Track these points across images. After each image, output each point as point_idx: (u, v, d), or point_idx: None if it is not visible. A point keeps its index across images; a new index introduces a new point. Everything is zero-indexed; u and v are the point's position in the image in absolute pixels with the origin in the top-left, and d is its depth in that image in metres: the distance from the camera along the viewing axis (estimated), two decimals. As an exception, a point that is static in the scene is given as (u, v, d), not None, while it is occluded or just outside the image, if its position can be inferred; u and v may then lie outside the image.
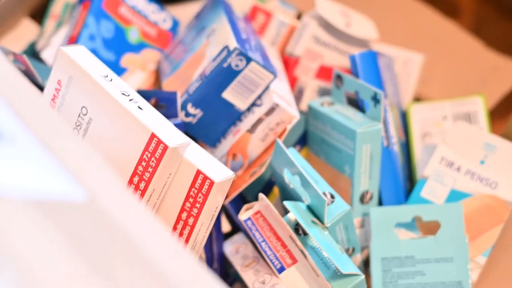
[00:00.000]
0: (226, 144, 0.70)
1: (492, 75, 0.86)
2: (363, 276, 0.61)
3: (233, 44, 0.66)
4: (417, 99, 0.84)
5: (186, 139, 0.59)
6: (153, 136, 0.57)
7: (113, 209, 0.42)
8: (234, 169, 0.70)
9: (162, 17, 0.79)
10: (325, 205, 0.62)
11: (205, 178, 0.59)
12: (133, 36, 0.76)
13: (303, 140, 0.75)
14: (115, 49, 0.74)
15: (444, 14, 1.20)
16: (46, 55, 0.75)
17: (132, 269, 0.39)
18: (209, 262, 0.69)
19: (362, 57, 0.72)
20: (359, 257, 0.69)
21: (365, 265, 0.71)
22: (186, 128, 0.70)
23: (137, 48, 0.76)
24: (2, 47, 0.68)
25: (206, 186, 0.59)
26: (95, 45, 0.73)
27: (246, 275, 0.66)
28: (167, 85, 0.73)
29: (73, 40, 0.72)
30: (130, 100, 0.59)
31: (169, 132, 0.58)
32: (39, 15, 0.82)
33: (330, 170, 0.72)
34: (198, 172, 0.59)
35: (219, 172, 0.59)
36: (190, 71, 0.71)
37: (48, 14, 0.80)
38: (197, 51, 0.72)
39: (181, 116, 0.69)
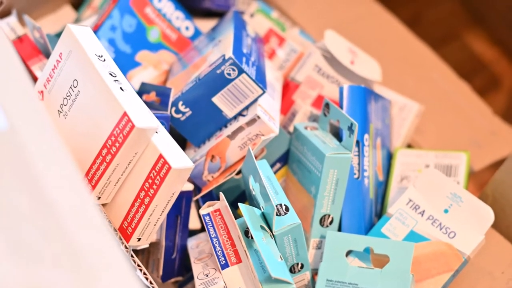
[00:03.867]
0: (209, 145, 0.75)
1: (489, 140, 0.88)
2: (294, 286, 0.64)
3: (229, 53, 0.72)
4: (409, 146, 0.87)
5: (155, 124, 0.64)
6: (124, 114, 0.63)
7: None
8: (211, 170, 0.75)
9: (185, 25, 0.85)
10: (274, 213, 0.65)
11: (165, 162, 0.63)
12: (153, 35, 0.82)
13: (285, 159, 0.79)
14: (133, 44, 0.81)
15: (484, 83, 1.23)
16: None
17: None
18: (169, 250, 0.74)
19: (350, 89, 0.76)
20: (308, 274, 0.72)
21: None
22: (174, 124, 0.75)
23: (155, 47, 0.82)
24: (27, 18, 0.76)
25: (164, 170, 0.64)
26: (114, 35, 0.79)
27: (196, 267, 0.71)
28: (171, 83, 0.79)
29: (96, 27, 0.79)
30: (115, 80, 0.65)
31: (140, 115, 0.63)
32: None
33: (300, 190, 0.75)
34: (160, 156, 0.64)
35: (179, 161, 0.64)
36: (191, 73, 0.76)
37: (86, 3, 0.88)
38: (202, 57, 0.78)
39: (172, 111, 0.74)
